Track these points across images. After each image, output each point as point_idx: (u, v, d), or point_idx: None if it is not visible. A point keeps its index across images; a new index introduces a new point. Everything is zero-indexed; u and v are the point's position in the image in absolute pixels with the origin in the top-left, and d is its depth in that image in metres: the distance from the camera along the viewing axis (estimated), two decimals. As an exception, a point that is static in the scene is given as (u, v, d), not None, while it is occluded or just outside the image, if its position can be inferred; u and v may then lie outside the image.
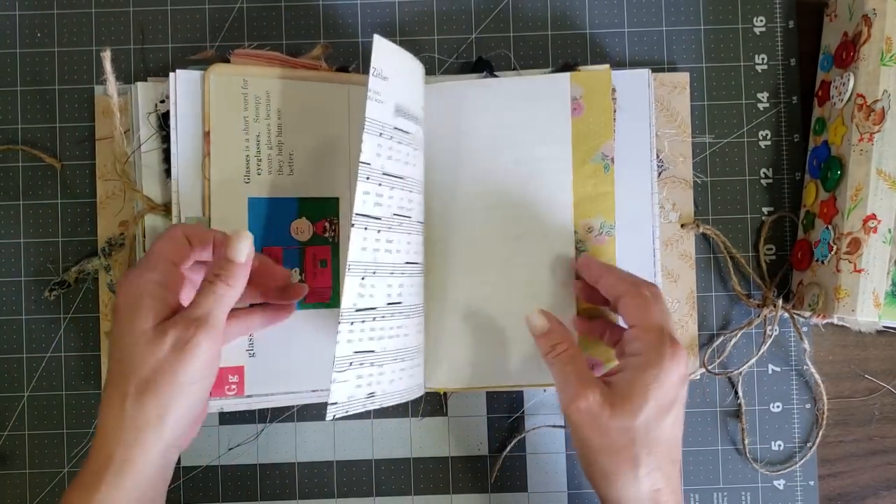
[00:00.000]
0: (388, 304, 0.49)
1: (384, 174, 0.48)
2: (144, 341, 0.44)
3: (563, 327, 0.49)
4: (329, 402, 0.46)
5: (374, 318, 0.48)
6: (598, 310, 0.54)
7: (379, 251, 0.48)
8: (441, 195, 0.56)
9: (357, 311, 0.47)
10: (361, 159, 0.46)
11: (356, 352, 0.48)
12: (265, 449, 0.58)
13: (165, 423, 0.43)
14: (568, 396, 0.46)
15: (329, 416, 0.46)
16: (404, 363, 0.51)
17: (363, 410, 0.49)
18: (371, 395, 0.49)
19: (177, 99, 0.53)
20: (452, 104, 0.56)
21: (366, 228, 0.47)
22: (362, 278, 0.47)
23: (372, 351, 0.49)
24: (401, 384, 0.51)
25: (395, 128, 0.48)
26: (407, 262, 0.51)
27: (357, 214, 0.46)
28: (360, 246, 0.47)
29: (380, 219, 0.48)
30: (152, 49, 0.58)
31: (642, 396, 0.44)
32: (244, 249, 0.46)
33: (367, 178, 0.47)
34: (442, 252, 0.55)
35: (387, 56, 0.47)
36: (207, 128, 0.53)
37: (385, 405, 0.50)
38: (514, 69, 0.58)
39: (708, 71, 0.59)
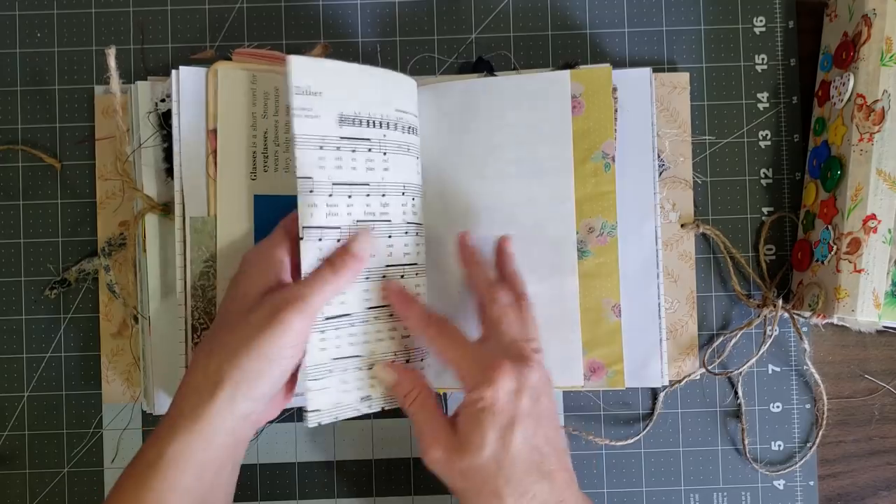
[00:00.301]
0: (369, 308, 0.50)
1: (335, 184, 0.48)
2: (244, 308, 0.45)
3: (410, 373, 0.49)
4: (308, 409, 0.47)
5: (351, 324, 0.49)
6: None
7: None
8: (441, 195, 0.55)
9: (326, 319, 0.48)
10: (299, 174, 0.47)
11: (335, 358, 0.48)
12: (265, 449, 0.58)
13: (239, 391, 0.44)
14: (423, 447, 0.45)
15: (312, 423, 0.47)
16: (407, 365, 0.51)
17: (359, 414, 0.49)
18: (366, 398, 0.50)
19: (179, 96, 0.53)
20: (452, 104, 0.55)
21: (320, 239, 0.48)
22: None
23: (357, 356, 0.49)
24: None
25: (343, 137, 0.49)
26: (389, 266, 0.51)
27: (304, 227, 0.47)
28: (314, 256, 0.47)
29: (339, 228, 0.48)
30: (152, 49, 0.58)
31: (479, 430, 0.43)
32: (364, 246, 0.47)
33: (311, 191, 0.47)
34: (441, 252, 0.55)
35: (310, 72, 0.48)
36: (213, 125, 0.53)
37: (388, 407, 0.50)
38: (514, 69, 0.58)
39: (708, 71, 0.59)
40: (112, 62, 0.52)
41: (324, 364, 0.48)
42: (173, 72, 0.53)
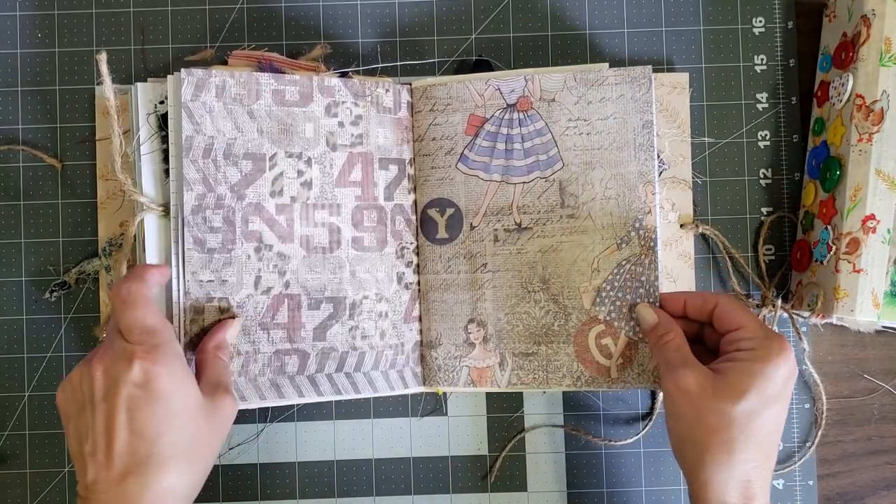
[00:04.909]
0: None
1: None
2: (202, 416, 0.46)
3: (669, 319, 0.52)
4: None
5: None
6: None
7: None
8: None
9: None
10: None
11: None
12: (265, 449, 0.58)
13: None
14: (671, 375, 0.48)
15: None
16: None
17: None
18: None
19: (175, 100, 0.53)
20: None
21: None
22: None
23: None
24: None
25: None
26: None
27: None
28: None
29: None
30: (152, 49, 0.59)
31: (746, 385, 0.46)
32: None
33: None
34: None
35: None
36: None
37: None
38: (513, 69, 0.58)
39: (707, 71, 0.59)
40: (104, 67, 0.51)
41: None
42: (169, 77, 0.52)
